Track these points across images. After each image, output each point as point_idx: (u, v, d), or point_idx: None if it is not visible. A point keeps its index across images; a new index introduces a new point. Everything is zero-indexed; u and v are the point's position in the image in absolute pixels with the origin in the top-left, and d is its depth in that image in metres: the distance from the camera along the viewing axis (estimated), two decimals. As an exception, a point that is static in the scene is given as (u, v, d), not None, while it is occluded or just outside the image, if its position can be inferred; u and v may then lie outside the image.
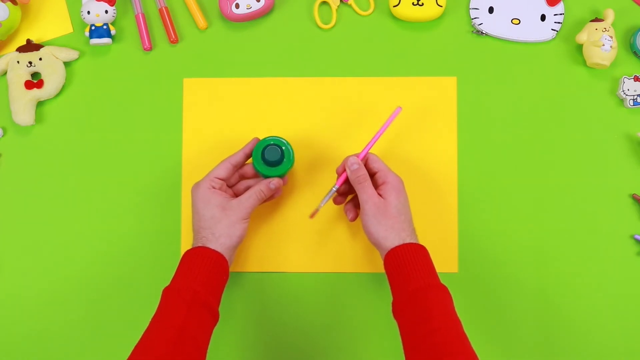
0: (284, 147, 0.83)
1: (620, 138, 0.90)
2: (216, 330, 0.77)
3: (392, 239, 0.77)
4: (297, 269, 0.89)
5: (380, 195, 0.79)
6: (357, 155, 0.82)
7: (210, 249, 0.78)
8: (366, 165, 0.82)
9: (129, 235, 0.90)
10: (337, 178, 0.83)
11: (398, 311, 0.75)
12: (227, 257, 0.79)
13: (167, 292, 0.76)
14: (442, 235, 0.88)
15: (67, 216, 0.90)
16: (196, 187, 0.82)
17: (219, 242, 0.79)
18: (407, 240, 0.77)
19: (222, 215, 0.80)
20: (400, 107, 0.82)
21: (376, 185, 0.81)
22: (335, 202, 0.86)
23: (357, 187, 0.80)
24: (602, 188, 0.89)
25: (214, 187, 0.82)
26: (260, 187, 0.82)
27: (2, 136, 0.92)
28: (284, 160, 0.83)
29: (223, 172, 0.83)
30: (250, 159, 0.84)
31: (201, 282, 0.76)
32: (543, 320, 0.87)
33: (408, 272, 0.76)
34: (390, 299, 0.76)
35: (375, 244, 0.79)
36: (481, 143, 0.90)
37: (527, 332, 0.87)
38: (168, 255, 0.89)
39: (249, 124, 0.91)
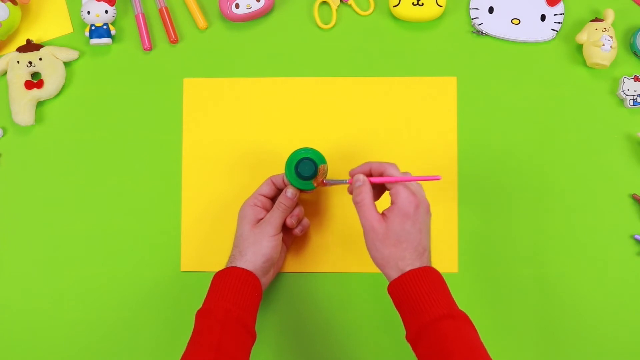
0: (317, 162, 0.82)
1: (620, 138, 0.90)
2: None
3: (390, 267, 0.74)
4: (296, 269, 0.89)
5: (385, 215, 0.74)
6: (369, 169, 0.77)
7: (237, 267, 0.78)
8: (382, 175, 0.76)
9: (129, 235, 0.90)
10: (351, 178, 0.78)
11: (412, 343, 0.72)
12: (257, 275, 0.78)
13: (199, 314, 0.76)
14: (442, 235, 0.88)
15: (67, 216, 0.90)
16: (242, 205, 0.83)
17: (244, 260, 0.79)
18: (407, 269, 0.73)
19: (249, 233, 0.80)
20: (440, 177, 0.74)
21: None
22: (349, 190, 0.81)
23: (356, 207, 0.75)
24: (602, 188, 0.89)
25: (256, 205, 0.82)
26: (279, 200, 0.82)
27: (2, 136, 0.92)
28: (317, 174, 0.81)
29: (266, 190, 0.83)
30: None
31: (232, 301, 0.76)
32: (543, 320, 0.87)
33: (412, 304, 0.71)
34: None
35: (379, 268, 0.76)
36: (481, 143, 0.90)
37: (527, 332, 0.87)
38: (168, 256, 0.89)
39: (249, 123, 0.91)
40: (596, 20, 0.90)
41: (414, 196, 0.74)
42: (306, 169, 0.81)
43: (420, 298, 0.71)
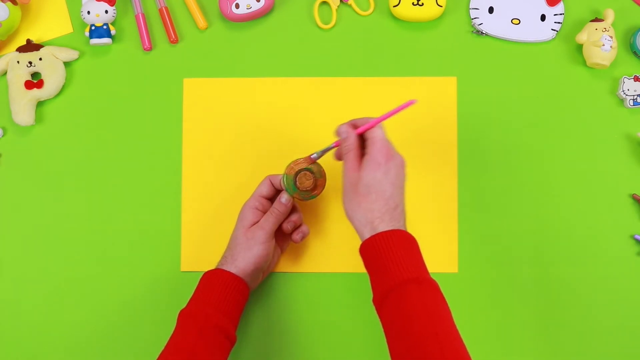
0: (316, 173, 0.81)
1: (620, 138, 0.90)
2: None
3: (359, 220, 0.73)
4: (296, 269, 0.89)
5: (360, 165, 0.74)
6: (353, 124, 0.77)
7: (226, 271, 0.78)
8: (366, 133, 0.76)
9: (129, 236, 0.90)
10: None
11: (377, 306, 0.72)
12: (245, 280, 0.79)
13: (181, 315, 0.77)
14: (442, 235, 0.88)
15: (67, 216, 0.90)
16: (243, 205, 0.82)
17: (234, 265, 0.79)
18: (379, 227, 0.71)
19: (242, 238, 0.80)
20: (416, 100, 0.75)
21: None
22: (336, 155, 0.81)
23: (343, 159, 0.76)
24: (602, 188, 0.89)
25: (257, 208, 0.81)
26: (273, 206, 0.81)
27: (2, 136, 0.92)
28: (316, 186, 0.81)
29: (265, 190, 0.82)
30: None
31: (214, 305, 0.76)
32: (543, 320, 0.87)
33: (381, 267, 0.71)
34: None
35: (351, 223, 0.75)
36: (481, 143, 0.90)
37: (527, 331, 0.87)
38: (168, 256, 0.89)
39: (248, 123, 0.91)
40: (596, 20, 0.90)
41: (388, 148, 0.74)
42: (305, 180, 0.80)
43: (388, 261, 0.70)
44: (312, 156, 0.80)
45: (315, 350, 0.87)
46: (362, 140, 0.77)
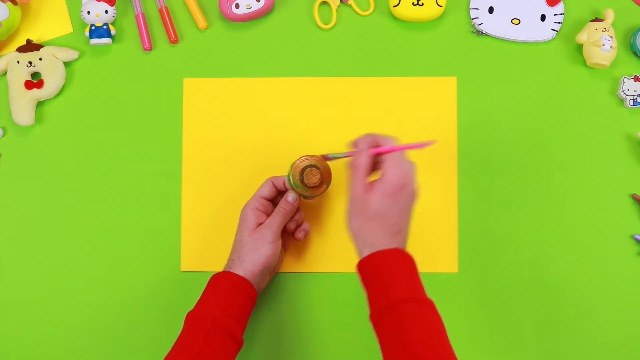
0: (322, 170, 0.81)
1: (620, 138, 0.90)
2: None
3: (361, 240, 0.73)
4: (296, 269, 0.89)
5: (370, 187, 0.73)
6: (373, 139, 0.75)
7: (233, 273, 0.78)
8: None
9: (129, 236, 0.90)
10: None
11: (374, 323, 0.71)
12: (253, 282, 0.78)
13: (189, 317, 0.77)
14: (442, 235, 0.88)
15: (67, 216, 0.90)
16: (243, 207, 0.82)
17: (242, 267, 0.79)
18: (378, 245, 0.72)
19: (248, 239, 0.80)
20: (436, 140, 0.75)
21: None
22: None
23: (350, 172, 0.75)
24: (602, 188, 0.89)
25: (258, 209, 0.81)
26: (280, 205, 0.81)
27: (2, 136, 0.92)
28: (322, 182, 0.81)
29: (267, 191, 0.82)
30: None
31: (222, 308, 0.76)
32: (543, 320, 0.87)
33: (378, 284, 0.71)
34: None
35: (351, 239, 0.75)
36: (481, 143, 0.90)
37: (527, 332, 0.87)
38: (168, 256, 0.89)
39: (248, 123, 0.91)
40: (596, 20, 0.90)
41: (401, 176, 0.73)
42: (310, 176, 0.81)
43: (386, 279, 0.70)
44: (325, 155, 0.80)
45: (323, 351, 0.87)
46: (376, 156, 0.75)
